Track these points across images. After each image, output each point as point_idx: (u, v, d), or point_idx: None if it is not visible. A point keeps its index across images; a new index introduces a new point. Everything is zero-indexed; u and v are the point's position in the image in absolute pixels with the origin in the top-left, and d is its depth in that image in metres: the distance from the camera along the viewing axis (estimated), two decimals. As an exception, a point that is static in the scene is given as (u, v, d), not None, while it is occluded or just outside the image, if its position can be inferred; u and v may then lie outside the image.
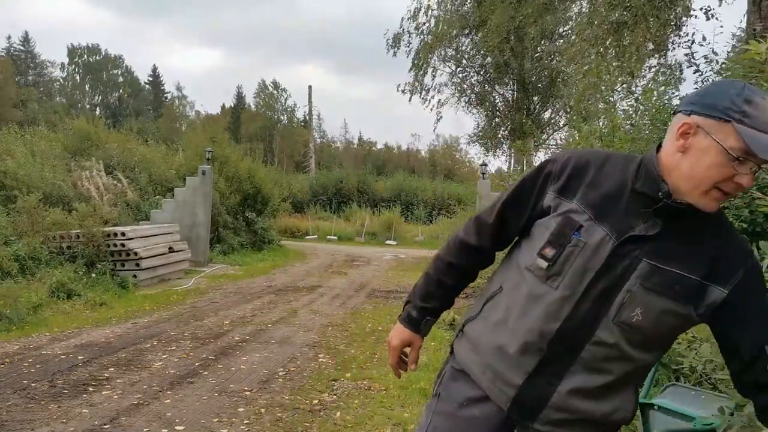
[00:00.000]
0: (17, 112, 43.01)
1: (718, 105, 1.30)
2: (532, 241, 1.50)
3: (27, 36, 64.59)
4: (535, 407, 1.46)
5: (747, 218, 3.55)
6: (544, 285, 1.44)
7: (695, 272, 1.36)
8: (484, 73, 24.09)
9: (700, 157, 1.31)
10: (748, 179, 1.30)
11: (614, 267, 1.37)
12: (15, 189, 11.18)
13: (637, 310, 1.36)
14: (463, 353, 1.61)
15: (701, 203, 1.34)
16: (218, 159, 16.31)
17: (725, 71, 4.82)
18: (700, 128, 1.32)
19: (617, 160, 1.46)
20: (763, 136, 1.25)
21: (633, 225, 1.38)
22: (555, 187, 1.46)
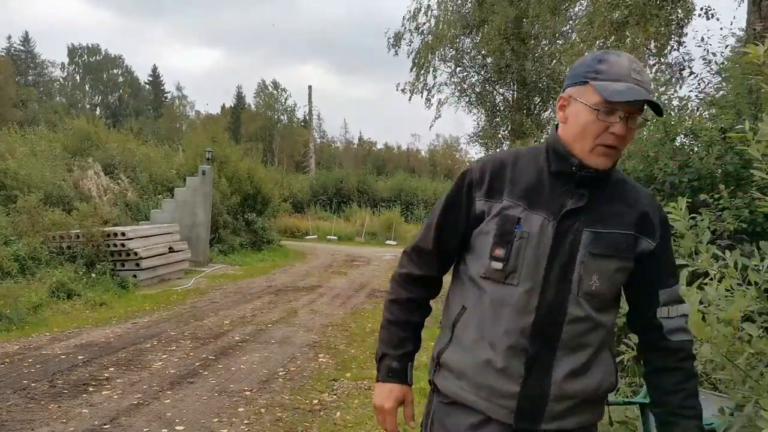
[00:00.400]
0: (17, 112, 43.01)
1: (579, 73, 1.47)
2: (477, 251, 1.53)
3: (27, 36, 64.71)
4: (539, 407, 1.46)
5: (747, 218, 3.55)
6: (505, 286, 1.47)
7: (630, 228, 1.49)
8: (484, 73, 24.08)
9: (575, 121, 1.46)
10: (620, 126, 1.42)
11: (562, 245, 1.45)
12: (15, 189, 11.18)
13: (594, 278, 1.45)
14: (450, 384, 1.56)
15: (593, 162, 1.45)
16: (218, 159, 16.31)
17: (724, 71, 4.82)
18: (570, 97, 1.48)
19: (527, 154, 1.56)
20: (614, 84, 1.40)
21: (564, 203, 1.47)
22: (481, 193, 1.52)
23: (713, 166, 3.84)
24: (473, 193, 1.53)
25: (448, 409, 1.56)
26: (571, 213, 1.46)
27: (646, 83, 1.44)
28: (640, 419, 2.67)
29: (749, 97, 4.13)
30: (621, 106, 1.41)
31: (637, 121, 1.45)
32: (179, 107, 69.31)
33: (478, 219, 1.52)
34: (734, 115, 4.06)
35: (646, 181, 4.19)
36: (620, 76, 1.42)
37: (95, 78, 69.60)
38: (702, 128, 4.20)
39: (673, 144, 4.31)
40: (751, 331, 1.75)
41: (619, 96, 1.39)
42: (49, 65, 66.84)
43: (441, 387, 1.58)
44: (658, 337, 1.54)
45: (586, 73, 1.46)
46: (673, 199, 2.48)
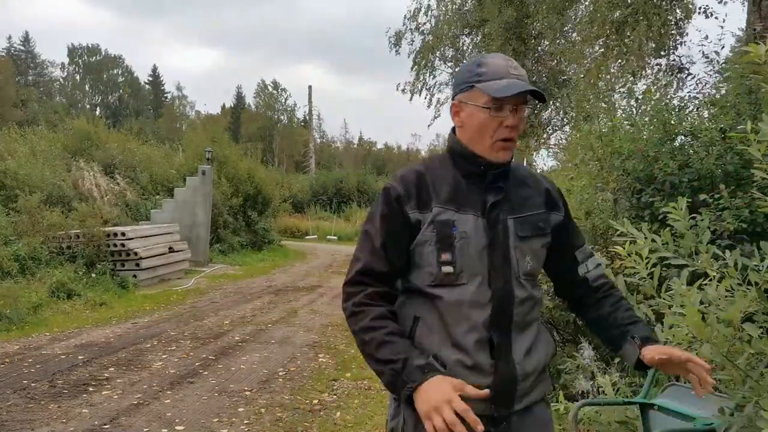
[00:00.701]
0: (17, 112, 43.01)
1: (464, 79, 1.61)
2: (419, 262, 1.57)
3: (27, 36, 64.69)
4: (512, 390, 1.54)
5: (747, 218, 3.54)
6: (456, 287, 1.54)
7: (541, 207, 1.66)
8: (484, 73, 24.08)
9: (471, 122, 1.59)
10: (511, 119, 1.56)
11: (496, 236, 1.57)
12: (16, 189, 11.18)
13: (527, 258, 1.60)
14: None
15: (495, 157, 1.58)
16: (218, 159, 16.32)
17: (724, 71, 4.82)
18: (461, 102, 1.61)
19: (436, 163, 1.67)
20: (497, 82, 1.53)
21: (485, 199, 1.59)
22: (411, 205, 1.57)
23: (713, 166, 3.83)
24: (404, 206, 1.57)
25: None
26: (494, 206, 1.58)
27: (524, 77, 1.57)
28: (640, 419, 2.67)
29: (749, 97, 4.13)
30: (508, 100, 1.53)
31: (524, 111, 1.59)
32: (179, 107, 69.29)
33: (416, 230, 1.57)
34: (734, 115, 4.06)
35: (646, 181, 4.18)
36: (500, 74, 1.55)
37: (95, 78, 69.59)
38: (702, 128, 4.20)
39: (673, 144, 4.31)
40: (752, 331, 1.75)
41: (504, 91, 1.52)
42: (49, 65, 66.89)
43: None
44: (587, 287, 1.72)
45: (470, 78, 1.58)
46: (673, 199, 2.48)
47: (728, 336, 1.77)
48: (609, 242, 4.07)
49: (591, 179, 4.71)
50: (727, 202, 3.56)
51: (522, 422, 1.58)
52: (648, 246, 2.03)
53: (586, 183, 4.78)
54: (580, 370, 3.92)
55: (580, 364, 3.90)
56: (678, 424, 2.43)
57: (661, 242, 2.03)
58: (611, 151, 4.50)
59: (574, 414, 2.56)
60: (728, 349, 1.80)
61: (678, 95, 5.01)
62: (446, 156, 1.67)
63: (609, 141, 4.57)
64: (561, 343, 4.81)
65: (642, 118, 4.65)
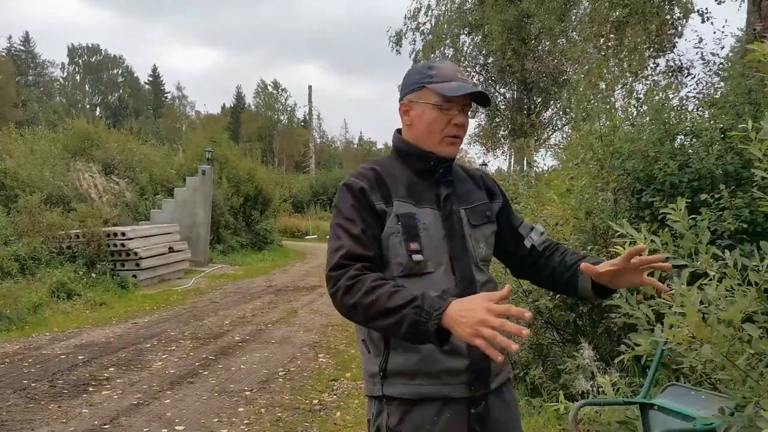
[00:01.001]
0: (18, 112, 43.01)
1: (415, 80, 1.71)
2: (389, 254, 1.62)
3: (27, 36, 64.70)
4: (486, 369, 1.63)
5: (747, 218, 3.54)
6: (424, 276, 1.61)
7: (484, 198, 1.80)
8: (485, 73, 24.06)
9: (420, 120, 1.70)
10: (460, 117, 1.68)
11: (452, 226, 1.68)
12: (16, 189, 11.18)
13: (481, 245, 1.73)
14: (404, 387, 1.59)
15: (443, 151, 1.70)
16: (218, 159, 16.34)
17: (724, 71, 4.81)
18: (411, 102, 1.71)
19: (388, 162, 1.76)
20: (447, 84, 1.66)
21: (438, 193, 1.70)
22: (376, 197, 1.64)
23: (713, 166, 3.83)
24: (371, 199, 1.63)
25: (406, 407, 1.60)
26: (447, 198, 1.70)
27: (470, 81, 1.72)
28: (640, 419, 2.67)
29: (749, 96, 4.13)
30: (456, 100, 1.66)
31: (469, 111, 1.73)
32: (179, 107, 69.29)
33: (382, 222, 1.63)
34: (734, 115, 4.06)
35: (646, 181, 4.18)
36: (449, 77, 1.67)
37: (95, 78, 69.58)
38: (702, 128, 4.20)
39: (673, 144, 4.31)
40: (752, 331, 1.74)
41: (454, 92, 1.64)
42: (49, 65, 66.89)
43: (396, 393, 1.60)
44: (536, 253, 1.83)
45: (422, 79, 1.69)
46: (673, 199, 2.48)
47: (728, 336, 1.77)
48: (609, 242, 4.07)
49: (591, 179, 4.71)
50: (727, 202, 3.56)
51: (496, 402, 1.68)
52: (648, 246, 2.03)
53: (586, 183, 4.78)
54: (580, 370, 3.92)
55: (580, 364, 3.90)
56: (678, 424, 2.43)
57: (660, 242, 2.02)
58: (611, 151, 4.50)
59: (574, 414, 2.56)
60: (728, 349, 1.80)
61: (677, 95, 5.00)
62: (394, 156, 1.77)
63: (609, 141, 4.57)
64: (561, 343, 4.81)
65: (642, 118, 4.65)
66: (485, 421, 1.63)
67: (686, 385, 2.80)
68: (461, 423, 1.60)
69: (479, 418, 1.62)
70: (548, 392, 4.41)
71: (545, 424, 4.14)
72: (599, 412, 3.46)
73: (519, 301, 4.88)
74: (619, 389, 3.66)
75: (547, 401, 4.18)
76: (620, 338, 3.75)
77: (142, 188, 14.85)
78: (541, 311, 4.67)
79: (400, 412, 1.59)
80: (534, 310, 4.72)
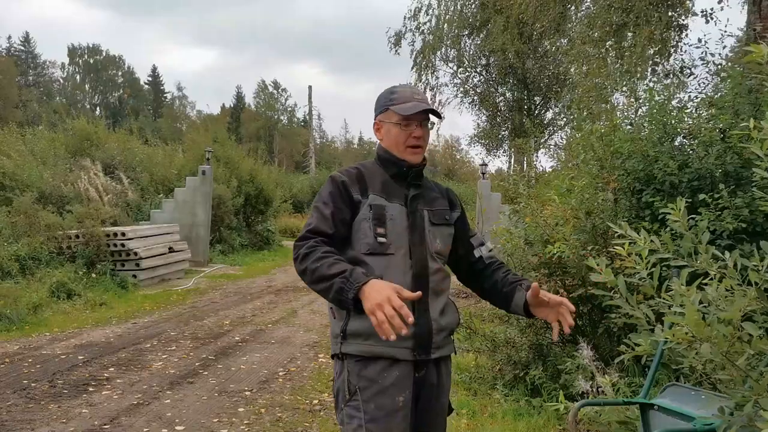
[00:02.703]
0: (18, 112, 42.99)
1: (380, 104, 2.14)
2: (359, 235, 1.99)
3: (27, 36, 64.68)
4: (428, 340, 1.99)
5: (747, 218, 3.54)
6: (386, 256, 1.98)
7: (445, 205, 2.18)
8: (486, 73, 24.05)
9: (388, 135, 2.11)
10: (418, 131, 2.07)
11: (415, 221, 2.05)
12: (14, 189, 11.17)
13: (437, 240, 2.08)
14: (359, 346, 1.95)
15: (408, 158, 2.08)
16: (221, 159, 16.36)
17: (723, 71, 4.81)
18: (381, 122, 2.14)
19: (368, 166, 2.14)
20: (404, 104, 2.06)
21: (407, 193, 2.08)
22: (355, 190, 2.03)
23: (713, 166, 3.83)
24: (350, 190, 2.02)
25: (361, 364, 1.95)
26: (414, 198, 2.08)
27: (425, 100, 2.13)
28: (640, 419, 2.67)
29: (749, 97, 4.13)
30: (413, 117, 2.05)
31: (427, 125, 2.11)
32: (180, 107, 69.26)
33: (357, 209, 2.00)
34: (733, 115, 4.06)
35: (646, 181, 4.18)
36: (407, 99, 2.08)
37: (95, 78, 69.57)
38: (701, 128, 4.20)
39: (673, 144, 4.31)
40: (752, 330, 1.74)
41: (408, 111, 2.05)
42: (49, 65, 66.87)
43: (352, 351, 1.96)
44: (482, 264, 2.20)
45: (386, 102, 2.11)
46: (673, 198, 2.48)
47: (728, 335, 1.77)
48: (609, 242, 4.07)
49: (591, 179, 4.71)
50: (726, 202, 3.56)
51: (437, 370, 2.05)
52: (648, 247, 2.03)
53: (586, 183, 4.78)
54: (579, 370, 3.92)
55: (580, 364, 3.90)
56: (678, 424, 2.43)
57: (660, 243, 2.02)
58: (611, 151, 4.50)
59: (574, 414, 2.55)
60: (728, 348, 1.79)
61: (678, 96, 5.00)
62: (375, 161, 2.16)
63: (609, 141, 4.57)
64: (561, 343, 4.81)
65: (642, 119, 4.65)
66: (423, 385, 2.02)
67: (686, 385, 2.80)
68: (407, 383, 1.97)
69: (420, 381, 2.01)
70: (548, 392, 4.41)
71: (545, 424, 4.14)
72: (599, 412, 3.45)
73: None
74: (619, 389, 3.66)
75: (547, 401, 4.18)
76: (620, 338, 3.75)
77: (142, 188, 14.85)
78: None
79: (356, 369, 1.95)
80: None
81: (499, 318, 5.87)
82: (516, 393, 4.69)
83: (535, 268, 4.75)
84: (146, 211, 13.87)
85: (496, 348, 5.08)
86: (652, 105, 4.45)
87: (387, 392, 1.93)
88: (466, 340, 5.23)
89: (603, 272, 2.07)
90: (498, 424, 4.22)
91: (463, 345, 5.28)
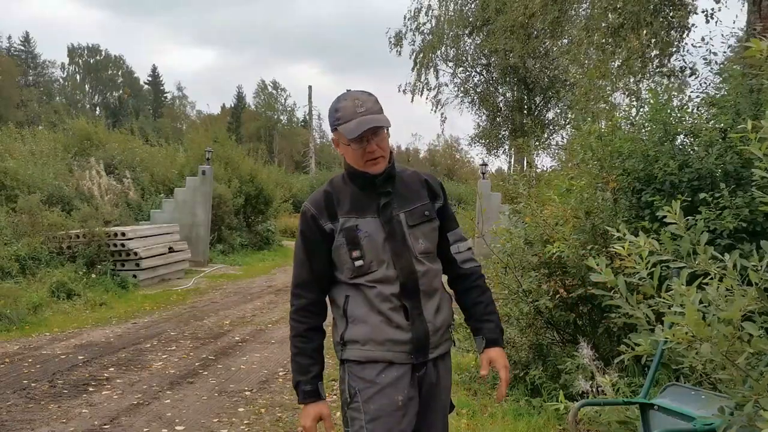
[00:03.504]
0: (19, 112, 42.98)
1: (330, 122, 2.05)
2: (338, 262, 2.03)
3: (27, 36, 64.65)
4: (426, 342, 2.01)
5: (747, 218, 3.54)
6: (370, 273, 1.99)
7: (425, 199, 2.10)
8: (487, 73, 24.03)
9: (346, 153, 2.04)
10: (370, 146, 1.97)
11: (392, 228, 2.01)
12: (15, 189, 11.17)
13: (420, 240, 2.04)
14: (358, 352, 2.02)
15: (371, 170, 2.01)
16: (222, 159, 16.36)
17: (724, 71, 4.81)
18: (336, 140, 2.07)
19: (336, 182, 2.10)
20: (348, 124, 1.95)
21: (378, 203, 2.03)
22: (324, 219, 2.02)
23: (713, 165, 3.83)
24: (319, 222, 2.02)
25: (360, 367, 2.01)
26: (386, 206, 2.03)
27: (370, 110, 1.97)
28: (640, 419, 2.67)
29: (750, 97, 4.12)
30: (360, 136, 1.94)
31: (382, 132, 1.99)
32: (179, 107, 69.24)
33: (331, 237, 2.01)
34: (734, 114, 4.05)
35: (646, 181, 4.18)
36: (349, 116, 1.96)
37: (95, 78, 69.55)
38: (702, 128, 4.19)
39: (673, 144, 4.30)
40: (752, 330, 1.74)
41: (353, 133, 1.94)
42: (49, 65, 66.86)
43: (351, 357, 2.02)
44: (456, 267, 2.16)
45: (333, 122, 2.02)
46: (673, 198, 2.48)
47: (728, 335, 1.77)
48: (609, 242, 4.07)
49: (591, 179, 4.71)
50: (727, 201, 3.56)
51: (433, 369, 2.06)
52: (648, 248, 2.03)
53: (586, 183, 4.77)
54: (579, 370, 3.92)
55: (580, 364, 3.90)
56: (678, 424, 2.43)
57: (659, 244, 2.03)
58: (611, 150, 4.50)
59: (574, 414, 2.55)
60: (728, 348, 1.79)
61: (679, 96, 4.99)
62: (345, 175, 2.11)
63: (609, 141, 4.57)
64: (561, 343, 4.81)
65: (643, 118, 4.64)
66: (422, 384, 2.05)
67: (686, 385, 2.79)
68: (405, 382, 2.00)
69: (419, 381, 2.04)
70: (548, 392, 4.41)
71: (545, 424, 4.14)
72: (599, 412, 3.45)
73: (519, 300, 4.88)
74: (619, 389, 3.66)
75: (547, 401, 4.18)
76: (620, 338, 3.75)
77: (143, 188, 14.85)
78: (541, 311, 4.67)
79: (355, 372, 2.02)
80: (534, 310, 4.72)
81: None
82: (516, 393, 4.68)
83: (535, 267, 4.75)
84: (146, 211, 13.87)
85: (496, 348, 5.07)
86: (653, 104, 4.45)
87: (385, 392, 1.97)
88: (466, 340, 5.21)
89: (603, 272, 2.07)
90: (498, 424, 4.22)
91: (463, 345, 5.27)
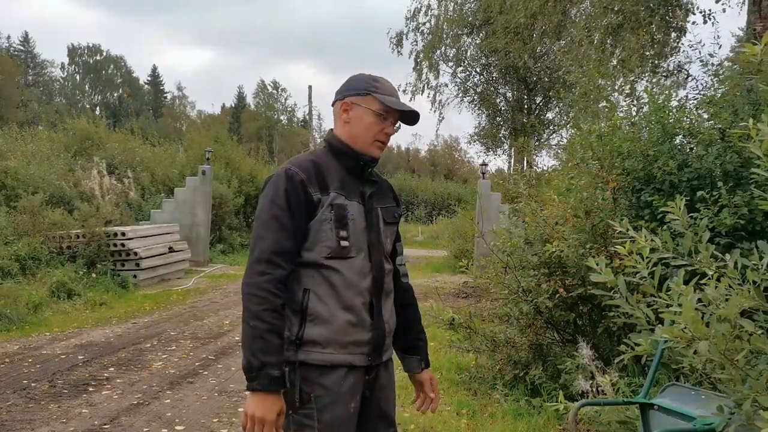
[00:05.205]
0: (19, 113, 42.98)
1: (359, 86, 1.94)
2: (318, 237, 1.85)
3: (27, 36, 64.64)
4: (382, 343, 1.94)
5: (746, 217, 3.54)
6: (347, 259, 1.86)
7: (393, 202, 2.08)
8: (486, 73, 24.03)
9: (359, 122, 1.92)
10: (390, 128, 1.95)
11: (372, 220, 1.95)
12: (17, 189, 11.16)
13: (388, 240, 2.01)
14: (317, 355, 1.84)
15: (371, 152, 1.94)
16: (222, 159, 16.37)
17: (722, 72, 4.81)
18: (353, 103, 1.93)
19: (322, 156, 1.96)
20: (389, 97, 1.92)
21: (363, 190, 1.95)
22: (314, 188, 1.85)
23: (712, 165, 3.83)
24: (308, 188, 1.84)
25: (319, 373, 1.84)
26: (370, 196, 1.96)
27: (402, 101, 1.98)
28: (640, 419, 2.67)
29: (748, 96, 4.13)
30: (391, 113, 1.92)
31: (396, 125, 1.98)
32: (179, 107, 69.22)
33: (314, 209, 1.84)
34: (732, 114, 4.06)
35: (646, 181, 4.18)
36: (390, 92, 1.95)
37: (95, 78, 69.53)
38: (701, 128, 4.20)
39: (673, 143, 4.31)
40: (748, 326, 1.74)
41: (395, 105, 1.92)
42: (48, 65, 66.83)
43: (309, 360, 1.84)
44: (398, 279, 2.11)
45: (367, 87, 1.93)
46: (672, 198, 2.48)
47: (726, 333, 1.77)
48: (609, 241, 4.07)
49: (591, 179, 4.71)
50: (725, 200, 3.56)
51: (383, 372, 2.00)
52: (649, 245, 2.03)
53: (586, 182, 4.77)
54: (579, 370, 3.92)
55: (580, 364, 3.90)
56: (678, 424, 2.43)
57: (660, 242, 2.02)
58: (611, 150, 4.50)
59: (574, 414, 2.56)
60: (726, 346, 1.79)
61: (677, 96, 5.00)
62: (327, 151, 1.97)
63: (609, 140, 4.57)
64: (561, 343, 4.81)
65: (642, 118, 4.65)
66: (374, 387, 1.96)
67: (686, 385, 2.80)
68: (358, 387, 1.90)
69: (371, 383, 1.95)
70: (548, 392, 4.41)
71: (545, 424, 4.14)
72: (599, 412, 3.46)
73: (518, 300, 4.88)
74: (619, 389, 3.66)
75: (547, 401, 4.18)
76: (620, 338, 3.75)
77: (143, 188, 14.85)
78: (541, 311, 4.67)
79: (314, 377, 1.84)
80: (534, 309, 4.72)
81: (499, 318, 5.87)
82: (516, 393, 4.69)
83: (535, 267, 4.75)
84: (147, 210, 13.87)
85: (496, 348, 5.08)
86: (652, 104, 4.45)
87: (341, 401, 1.85)
88: (466, 340, 5.22)
89: (603, 272, 2.07)
90: (498, 424, 4.22)
91: (463, 345, 5.27)
